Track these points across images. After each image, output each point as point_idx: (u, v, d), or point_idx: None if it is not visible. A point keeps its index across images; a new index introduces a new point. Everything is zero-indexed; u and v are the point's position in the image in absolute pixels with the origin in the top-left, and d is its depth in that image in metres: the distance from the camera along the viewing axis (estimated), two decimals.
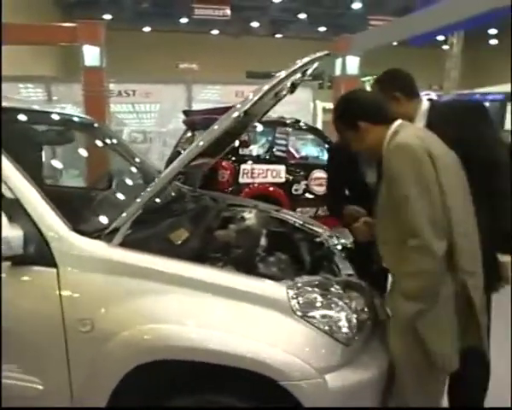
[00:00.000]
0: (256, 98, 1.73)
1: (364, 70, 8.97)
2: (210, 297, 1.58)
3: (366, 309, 1.72)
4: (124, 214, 1.67)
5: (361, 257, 1.98)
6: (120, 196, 2.36)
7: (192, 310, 1.58)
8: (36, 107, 2.73)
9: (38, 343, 1.67)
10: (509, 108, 13.60)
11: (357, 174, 2.22)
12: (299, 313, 1.55)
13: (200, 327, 1.55)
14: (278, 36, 23.23)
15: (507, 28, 16.38)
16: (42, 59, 14.62)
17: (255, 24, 21.33)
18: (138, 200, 1.68)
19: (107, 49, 7.26)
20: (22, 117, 2.33)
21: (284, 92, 2.15)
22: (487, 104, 21.06)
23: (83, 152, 3.28)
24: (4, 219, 1.57)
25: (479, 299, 1.54)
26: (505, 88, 14.16)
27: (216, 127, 1.74)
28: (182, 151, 5.80)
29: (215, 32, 22.14)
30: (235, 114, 1.71)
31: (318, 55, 1.94)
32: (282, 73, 1.77)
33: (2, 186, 1.65)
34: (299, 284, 1.66)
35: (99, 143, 2.96)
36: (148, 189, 1.71)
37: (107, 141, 2.89)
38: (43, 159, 2.83)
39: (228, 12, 17.33)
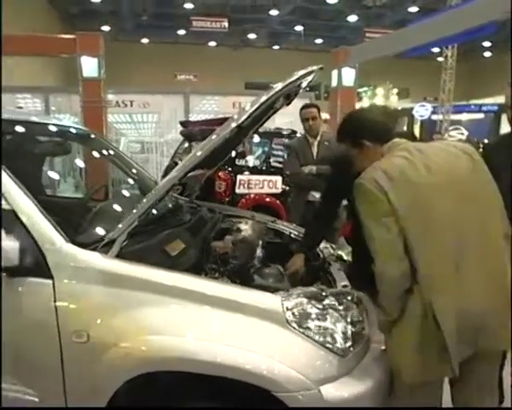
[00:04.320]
0: (252, 110, 1.74)
1: (360, 81, 9.05)
2: (206, 309, 1.57)
3: (362, 320, 1.72)
4: (120, 226, 1.67)
5: (360, 270, 1.99)
6: (117, 207, 2.35)
7: (188, 321, 1.57)
8: (34, 118, 2.73)
9: (34, 355, 1.66)
10: (503, 118, 13.73)
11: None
12: (294, 325, 1.55)
13: (196, 338, 1.54)
14: (276, 47, 23.45)
15: (501, 41, 16.59)
16: (46, 70, 14.70)
17: (253, 36, 21.52)
18: (135, 211, 1.68)
19: (105, 61, 7.30)
20: (20, 128, 2.34)
21: (280, 104, 2.17)
22: (482, 115, 21.25)
23: (79, 163, 3.29)
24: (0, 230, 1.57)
25: (449, 322, 1.48)
26: (499, 99, 14.29)
27: (213, 139, 1.75)
28: (178, 162, 5.81)
29: (213, 43, 22.32)
30: (232, 126, 1.73)
31: (313, 68, 1.96)
32: (278, 86, 1.79)
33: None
34: (294, 296, 1.65)
35: (96, 153, 2.96)
36: (145, 200, 1.71)
37: (104, 152, 2.90)
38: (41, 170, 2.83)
39: (226, 24, 17.51)
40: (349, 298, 1.76)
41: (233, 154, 4.63)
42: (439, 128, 17.01)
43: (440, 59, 16.85)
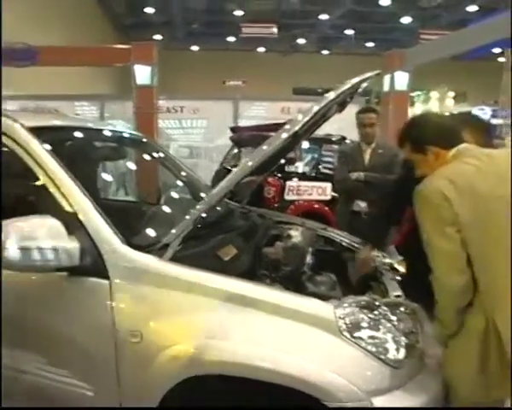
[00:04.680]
0: (305, 120, 1.75)
1: (413, 85, 8.79)
2: (258, 314, 1.59)
3: (416, 332, 1.68)
4: (174, 230, 1.73)
5: (414, 280, 1.94)
6: (170, 211, 2.44)
7: (240, 326, 1.60)
8: (90, 124, 2.89)
9: (90, 351, 1.75)
10: None
11: None
12: (345, 334, 1.54)
13: (247, 343, 1.56)
14: (325, 52, 23.28)
15: None
16: (101, 78, 15.46)
17: (302, 41, 21.51)
18: (188, 217, 1.73)
19: (158, 68, 7.57)
20: (78, 134, 2.48)
21: (333, 111, 2.16)
22: None
23: (132, 166, 3.42)
24: (63, 230, 1.68)
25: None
26: None
27: (265, 148, 1.78)
28: (228, 167, 5.90)
29: (261, 49, 22.52)
30: (284, 136, 1.74)
31: (369, 74, 1.94)
32: (331, 94, 1.78)
33: (63, 200, 1.77)
34: (346, 304, 1.64)
35: (148, 157, 3.07)
36: (199, 206, 1.76)
37: (156, 155, 3.01)
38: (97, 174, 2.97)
39: (275, 30, 17.60)
40: (402, 309, 1.73)
41: (282, 160, 4.65)
42: (499, 132, 16.19)
43: (502, 59, 16.07)
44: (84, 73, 11.92)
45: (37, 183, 1.85)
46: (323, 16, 18.10)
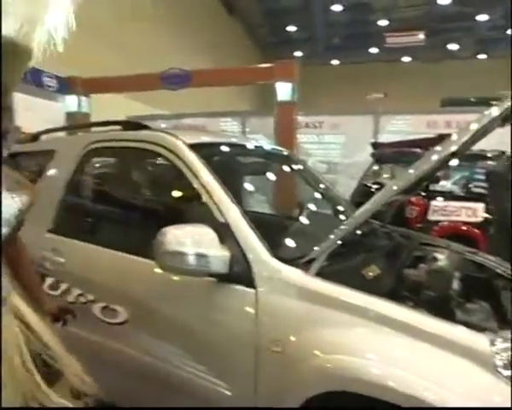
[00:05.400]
0: (462, 141, 1.68)
1: None
2: (400, 336, 1.57)
3: None
4: (320, 246, 1.80)
5: None
6: (312, 226, 2.52)
7: (381, 346, 1.59)
8: (239, 141, 3.15)
9: (231, 354, 1.88)
10: None
11: None
12: (501, 371, 1.42)
13: (384, 364, 1.55)
14: (481, 57, 21.40)
15: None
16: (242, 96, 16.62)
17: (453, 46, 20.13)
18: (334, 234, 1.79)
19: (298, 84, 7.83)
20: (229, 149, 2.73)
21: (494, 127, 2.03)
22: None
23: (274, 180, 3.61)
24: (216, 239, 1.86)
25: None
26: None
27: (413, 171, 1.75)
28: (368, 184, 5.82)
29: (406, 59, 21.68)
30: (436, 158, 1.69)
31: None
32: (495, 111, 1.66)
33: (216, 210, 1.97)
34: (504, 339, 1.52)
35: (289, 171, 3.21)
36: (344, 226, 1.81)
37: (296, 168, 3.13)
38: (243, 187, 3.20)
39: (422, 37, 16.82)
40: None
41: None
42: None
43: None
44: (224, 91, 12.89)
45: (193, 193, 2.10)
46: (481, 17, 16.70)
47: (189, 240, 1.79)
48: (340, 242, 1.81)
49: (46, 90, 7.67)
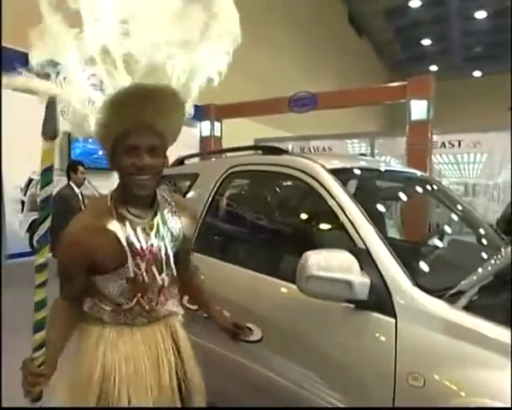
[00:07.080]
0: None
1: None
2: None
3: None
4: (469, 279, 1.71)
5: None
6: (454, 255, 2.39)
7: None
8: (376, 165, 3.11)
9: (366, 382, 1.85)
10: None
11: None
12: None
13: None
14: None
15: None
16: (368, 116, 16.37)
17: None
18: (487, 267, 1.68)
19: (433, 101, 7.47)
20: (368, 174, 2.73)
21: None
22: None
23: (411, 205, 3.50)
24: (357, 265, 1.87)
25: None
26: None
27: None
28: None
29: None
30: None
31: None
32: None
33: (356, 236, 1.99)
34: None
35: (426, 194, 3.08)
36: (499, 260, 1.69)
37: (434, 192, 2.99)
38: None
39: None
40: None
41: None
42: None
43: None
44: (349, 111, 12.79)
45: (331, 217, 2.13)
46: None
47: (332, 265, 1.83)
48: (493, 276, 1.69)
49: (186, 118, 8.44)
